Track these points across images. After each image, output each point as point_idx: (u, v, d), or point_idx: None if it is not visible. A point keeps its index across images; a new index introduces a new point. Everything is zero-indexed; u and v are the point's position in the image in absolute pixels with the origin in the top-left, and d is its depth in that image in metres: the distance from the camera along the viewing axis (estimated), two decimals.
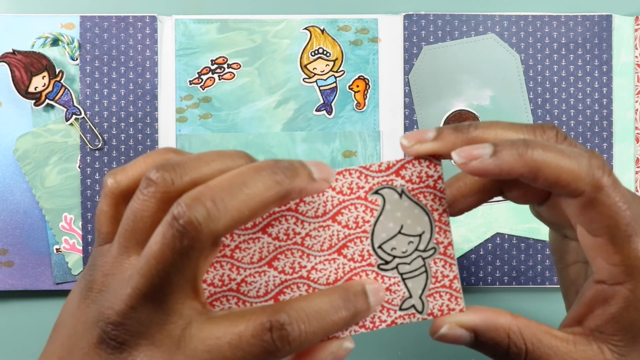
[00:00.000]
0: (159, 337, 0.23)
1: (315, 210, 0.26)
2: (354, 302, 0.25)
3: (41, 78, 0.47)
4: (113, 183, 0.25)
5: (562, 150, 0.24)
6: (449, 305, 0.27)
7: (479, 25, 0.48)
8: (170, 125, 0.48)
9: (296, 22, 0.48)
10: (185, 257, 0.23)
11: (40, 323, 0.48)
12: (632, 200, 0.25)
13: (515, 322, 0.26)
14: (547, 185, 0.25)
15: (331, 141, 0.48)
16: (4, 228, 0.47)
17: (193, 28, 0.48)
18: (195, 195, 0.23)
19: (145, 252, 0.23)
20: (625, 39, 0.49)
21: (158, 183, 0.23)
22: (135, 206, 0.24)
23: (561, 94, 0.48)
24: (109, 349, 0.23)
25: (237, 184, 0.23)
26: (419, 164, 0.26)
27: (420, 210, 0.26)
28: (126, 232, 0.24)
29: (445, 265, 0.27)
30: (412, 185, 0.26)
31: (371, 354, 0.49)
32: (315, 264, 0.26)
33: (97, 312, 0.24)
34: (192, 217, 0.22)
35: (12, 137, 0.47)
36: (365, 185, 0.26)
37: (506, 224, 0.48)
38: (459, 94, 0.48)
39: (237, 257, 0.26)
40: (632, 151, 0.49)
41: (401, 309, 0.27)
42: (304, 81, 0.48)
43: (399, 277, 0.27)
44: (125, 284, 0.23)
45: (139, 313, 0.23)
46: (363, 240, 0.26)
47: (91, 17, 0.48)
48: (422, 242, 0.26)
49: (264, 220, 0.26)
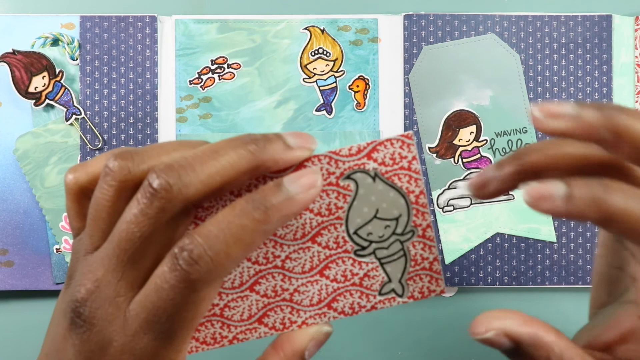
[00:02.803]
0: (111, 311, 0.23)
1: None
2: (264, 199, 0.23)
3: (41, 78, 0.47)
4: (72, 179, 0.26)
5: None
6: (430, 287, 0.26)
7: (479, 25, 0.48)
8: (170, 125, 0.48)
9: (296, 22, 0.48)
10: (155, 220, 0.23)
11: (40, 323, 0.48)
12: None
13: (558, 343, 0.25)
14: (620, 234, 0.23)
15: (331, 141, 0.48)
16: (4, 228, 0.47)
17: (193, 28, 0.48)
18: (169, 163, 0.23)
19: (119, 221, 0.23)
20: (625, 39, 0.49)
21: (115, 171, 0.24)
22: (97, 195, 0.24)
23: (561, 94, 0.48)
24: (77, 328, 0.23)
25: (209, 154, 0.23)
26: (392, 145, 0.25)
27: (395, 193, 0.25)
28: (91, 221, 0.24)
29: (424, 247, 0.26)
30: (385, 168, 0.25)
31: (371, 354, 0.49)
32: (289, 253, 0.26)
33: (69, 295, 0.24)
34: (163, 181, 0.22)
35: (12, 137, 0.47)
36: (336, 171, 0.25)
37: (506, 224, 0.48)
38: (459, 94, 0.48)
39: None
40: None
41: (380, 293, 0.26)
42: (304, 81, 0.48)
43: (377, 262, 0.26)
44: (96, 264, 0.23)
45: (103, 289, 0.23)
46: (337, 227, 0.26)
47: (91, 17, 0.48)
48: (399, 225, 0.26)
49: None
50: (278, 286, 0.26)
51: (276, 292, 0.26)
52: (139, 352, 0.23)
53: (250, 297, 0.26)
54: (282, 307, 0.26)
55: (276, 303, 0.26)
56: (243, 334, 0.26)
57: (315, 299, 0.26)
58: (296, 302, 0.26)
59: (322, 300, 0.26)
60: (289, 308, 0.26)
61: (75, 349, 0.23)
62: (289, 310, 0.26)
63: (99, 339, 0.23)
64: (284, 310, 0.26)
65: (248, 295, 0.26)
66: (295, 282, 0.26)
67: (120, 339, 0.23)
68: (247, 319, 0.26)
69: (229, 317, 0.26)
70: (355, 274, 0.26)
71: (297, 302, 0.26)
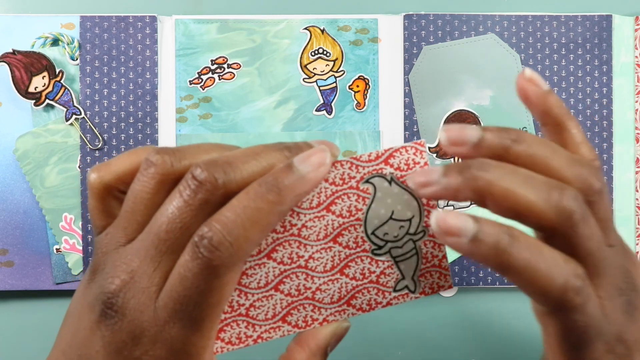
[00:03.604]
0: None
1: (310, 201, 0.27)
2: (276, 181, 0.24)
3: (41, 78, 0.47)
4: (96, 178, 0.26)
5: (545, 259, 0.23)
6: (439, 283, 0.28)
7: (479, 25, 0.48)
8: (170, 125, 0.48)
9: (296, 22, 0.48)
10: (198, 211, 0.23)
11: (40, 323, 0.48)
12: (609, 299, 0.24)
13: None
14: (514, 283, 0.24)
15: (331, 141, 0.48)
16: (4, 228, 0.47)
17: (193, 28, 0.48)
18: (213, 159, 0.24)
19: (159, 212, 0.24)
20: (625, 39, 0.49)
21: (157, 164, 0.24)
22: (136, 188, 0.25)
23: (561, 94, 0.48)
24: (108, 319, 0.23)
25: (251, 154, 0.24)
26: (406, 152, 0.27)
27: (409, 196, 0.27)
28: (126, 213, 0.25)
29: (434, 246, 0.28)
30: (400, 173, 0.27)
31: (371, 354, 0.49)
32: (312, 253, 0.27)
33: (98, 287, 0.24)
34: (209, 174, 0.23)
35: (12, 137, 0.47)
36: (357, 175, 0.27)
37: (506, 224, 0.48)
38: (459, 94, 0.48)
39: (245, 283, 0.27)
40: (632, 151, 0.49)
41: (395, 290, 0.28)
42: (304, 81, 0.48)
43: (392, 261, 0.28)
44: (131, 255, 0.24)
45: (138, 280, 0.23)
46: (357, 227, 0.27)
47: (91, 17, 0.48)
48: (412, 225, 0.27)
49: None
50: (301, 285, 0.27)
51: (299, 291, 0.27)
52: (170, 342, 0.24)
53: (275, 296, 0.27)
54: (304, 305, 0.28)
55: (299, 302, 0.27)
56: (267, 333, 0.27)
57: (336, 296, 0.28)
58: (318, 300, 0.28)
59: (342, 297, 0.28)
60: (311, 306, 0.28)
61: (104, 341, 0.24)
62: (311, 308, 0.28)
63: (131, 329, 0.23)
64: (307, 308, 0.28)
65: (273, 294, 0.27)
66: (317, 280, 0.27)
67: (152, 329, 0.23)
68: (272, 317, 0.27)
69: (254, 316, 0.27)
70: (373, 272, 0.28)
71: (318, 300, 0.28)
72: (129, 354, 0.23)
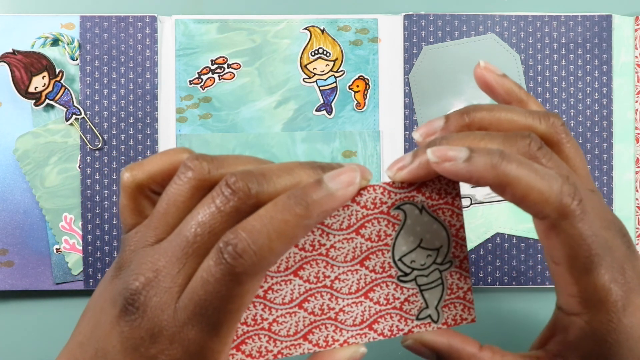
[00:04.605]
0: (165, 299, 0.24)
1: (340, 223, 0.27)
2: (305, 195, 0.24)
3: (41, 78, 0.47)
4: (129, 177, 0.27)
5: (536, 170, 0.24)
6: (462, 315, 0.28)
7: (479, 25, 0.48)
8: (170, 125, 0.48)
9: (296, 22, 0.48)
10: (228, 218, 0.24)
11: (40, 323, 0.48)
12: (604, 229, 0.25)
13: (481, 355, 0.27)
14: (514, 201, 0.25)
15: (331, 141, 0.48)
16: (4, 228, 0.47)
17: (193, 28, 0.48)
18: (248, 170, 0.24)
19: (190, 215, 0.24)
20: (625, 39, 0.49)
21: (195, 170, 0.25)
22: (171, 190, 0.25)
23: (561, 94, 0.48)
24: (128, 315, 0.24)
25: (285, 169, 0.25)
26: (439, 182, 0.27)
27: (439, 226, 0.27)
28: (159, 214, 0.25)
29: (460, 277, 0.28)
30: (431, 202, 0.27)
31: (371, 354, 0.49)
32: (339, 274, 0.27)
33: (123, 284, 0.24)
34: (244, 184, 0.24)
35: (12, 137, 0.47)
36: (388, 201, 0.27)
37: (506, 224, 0.48)
38: (459, 94, 0.48)
39: (270, 298, 0.27)
40: (632, 151, 0.49)
41: (418, 318, 0.28)
42: (304, 81, 0.48)
43: (417, 289, 0.28)
44: (158, 254, 0.24)
45: (162, 279, 0.24)
46: (385, 252, 0.27)
47: (91, 17, 0.48)
48: (439, 255, 0.28)
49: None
50: (325, 305, 0.28)
51: (323, 311, 0.28)
52: (187, 343, 0.24)
53: (299, 314, 0.27)
54: (327, 325, 0.28)
55: (322, 321, 0.28)
56: (287, 349, 0.28)
57: (359, 319, 0.28)
58: (340, 322, 0.28)
59: (364, 321, 0.28)
60: (333, 326, 0.28)
61: (123, 336, 0.24)
62: (333, 328, 0.28)
63: (150, 326, 0.24)
64: (329, 328, 0.28)
65: (297, 311, 0.27)
66: (341, 302, 0.28)
67: (170, 329, 0.24)
68: (293, 334, 0.28)
69: (277, 331, 0.27)
70: (397, 298, 0.28)
71: (341, 321, 0.28)
72: (145, 352, 0.24)
